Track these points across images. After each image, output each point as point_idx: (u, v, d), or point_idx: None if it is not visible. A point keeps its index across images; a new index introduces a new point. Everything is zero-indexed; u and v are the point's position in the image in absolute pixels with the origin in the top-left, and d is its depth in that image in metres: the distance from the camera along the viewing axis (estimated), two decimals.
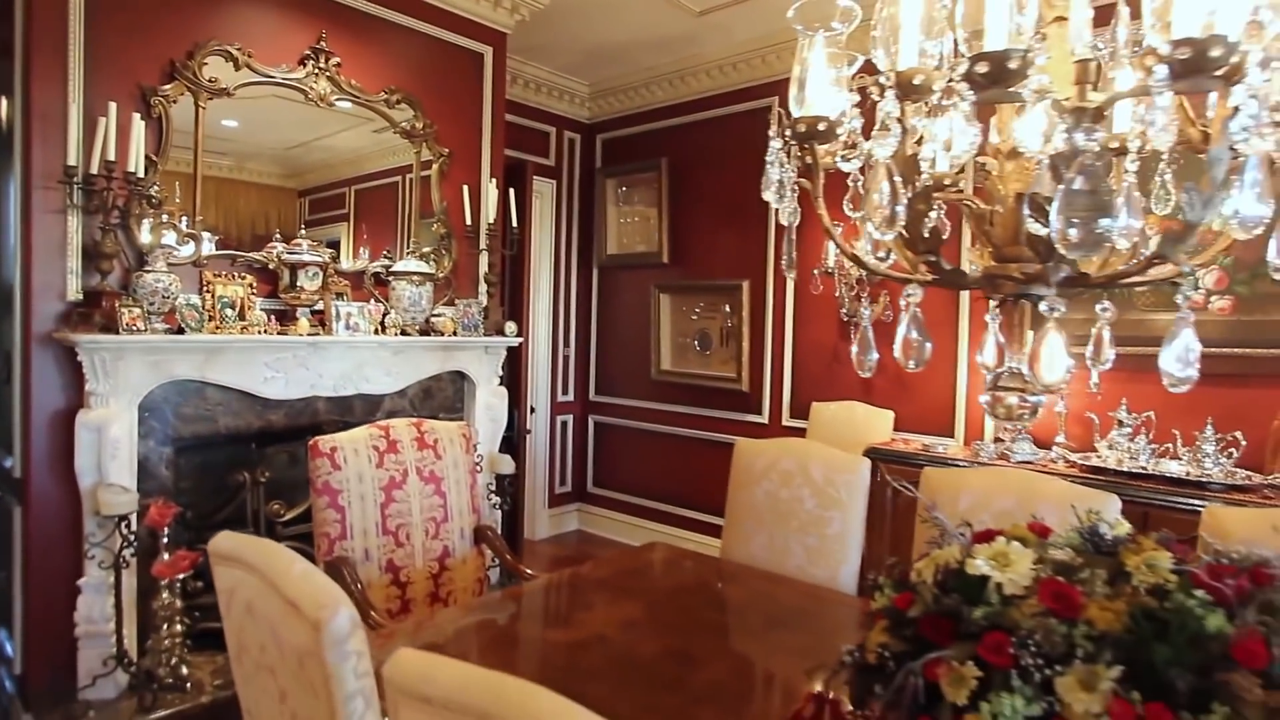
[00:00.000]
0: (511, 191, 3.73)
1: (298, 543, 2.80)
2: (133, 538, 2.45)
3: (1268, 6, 1.05)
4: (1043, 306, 1.14)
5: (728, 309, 4.45)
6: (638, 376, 5.01)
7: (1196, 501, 2.60)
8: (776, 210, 1.39)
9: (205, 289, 2.82)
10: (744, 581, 2.32)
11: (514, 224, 3.69)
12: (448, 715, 0.83)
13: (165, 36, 2.74)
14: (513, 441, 4.08)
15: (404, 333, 3.23)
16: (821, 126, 1.29)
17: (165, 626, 2.57)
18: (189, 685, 2.55)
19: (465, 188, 3.56)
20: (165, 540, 2.53)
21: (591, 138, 5.23)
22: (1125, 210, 1.08)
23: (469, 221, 3.55)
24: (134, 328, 2.48)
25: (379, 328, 3.16)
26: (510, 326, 3.62)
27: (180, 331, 2.62)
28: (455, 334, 3.39)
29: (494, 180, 3.68)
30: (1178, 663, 1.00)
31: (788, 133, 1.31)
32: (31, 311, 2.49)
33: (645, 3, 3.81)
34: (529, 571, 2.49)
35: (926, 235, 1.20)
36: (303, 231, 3.09)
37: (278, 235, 3.07)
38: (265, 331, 2.83)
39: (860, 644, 1.25)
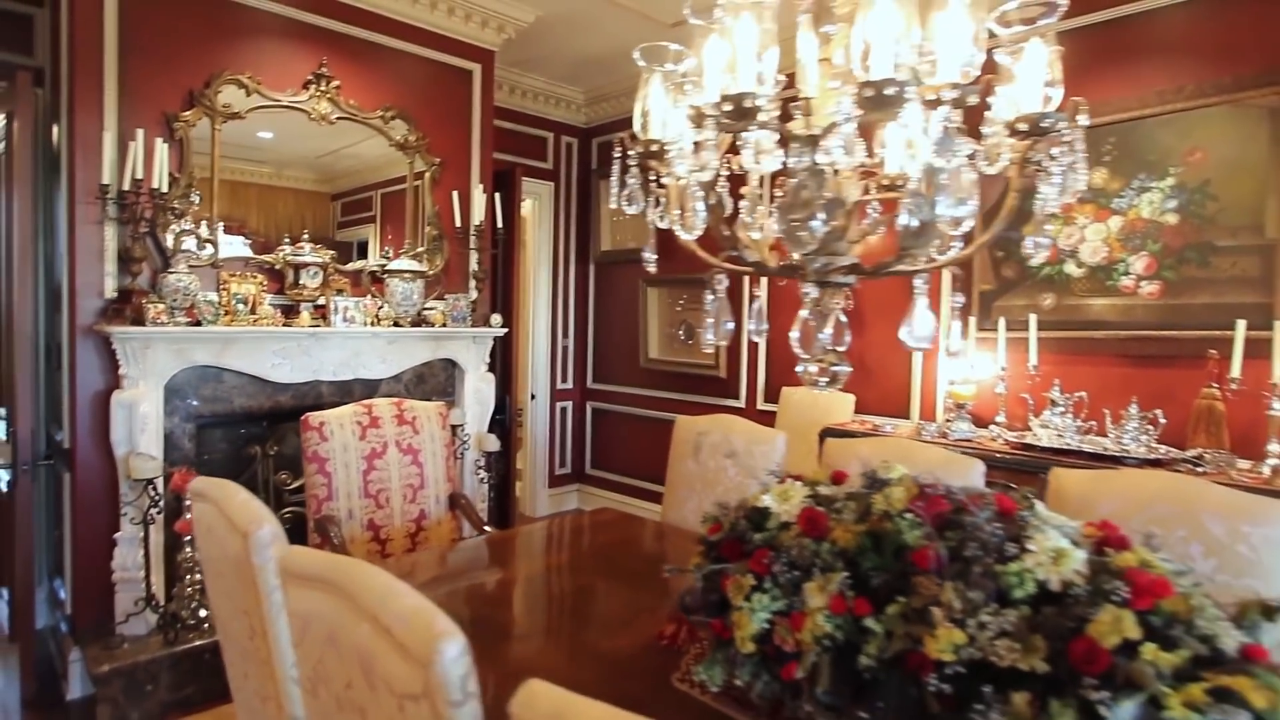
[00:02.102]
0: (498, 196, 4.09)
1: (301, 507, 3.21)
2: (158, 498, 2.88)
3: (975, 43, 1.32)
4: (802, 289, 1.41)
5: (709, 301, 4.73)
6: (629, 365, 5.34)
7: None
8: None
9: (222, 287, 3.24)
10: (671, 540, 2.63)
11: (500, 225, 4.04)
12: (309, 583, 1.17)
13: (185, 69, 3.17)
14: (505, 424, 4.45)
15: (396, 324, 3.62)
16: (654, 148, 1.59)
17: (187, 576, 3.01)
18: (207, 625, 2.98)
19: (455, 193, 3.93)
20: (188, 503, 2.96)
21: (588, 141, 5.56)
22: (907, 213, 1.36)
23: (458, 224, 3.92)
24: (159, 321, 2.91)
25: (374, 320, 3.55)
26: (496, 318, 3.98)
27: (198, 324, 3.05)
28: (445, 325, 3.76)
29: (481, 185, 4.04)
30: (880, 568, 1.29)
31: (630, 153, 1.62)
32: (76, 307, 2.93)
33: (621, 17, 4.12)
34: (488, 529, 2.85)
35: (725, 234, 1.50)
36: (306, 236, 3.49)
37: (286, 239, 3.48)
38: (272, 324, 3.25)
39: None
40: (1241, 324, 2.77)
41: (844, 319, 1.63)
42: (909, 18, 1.16)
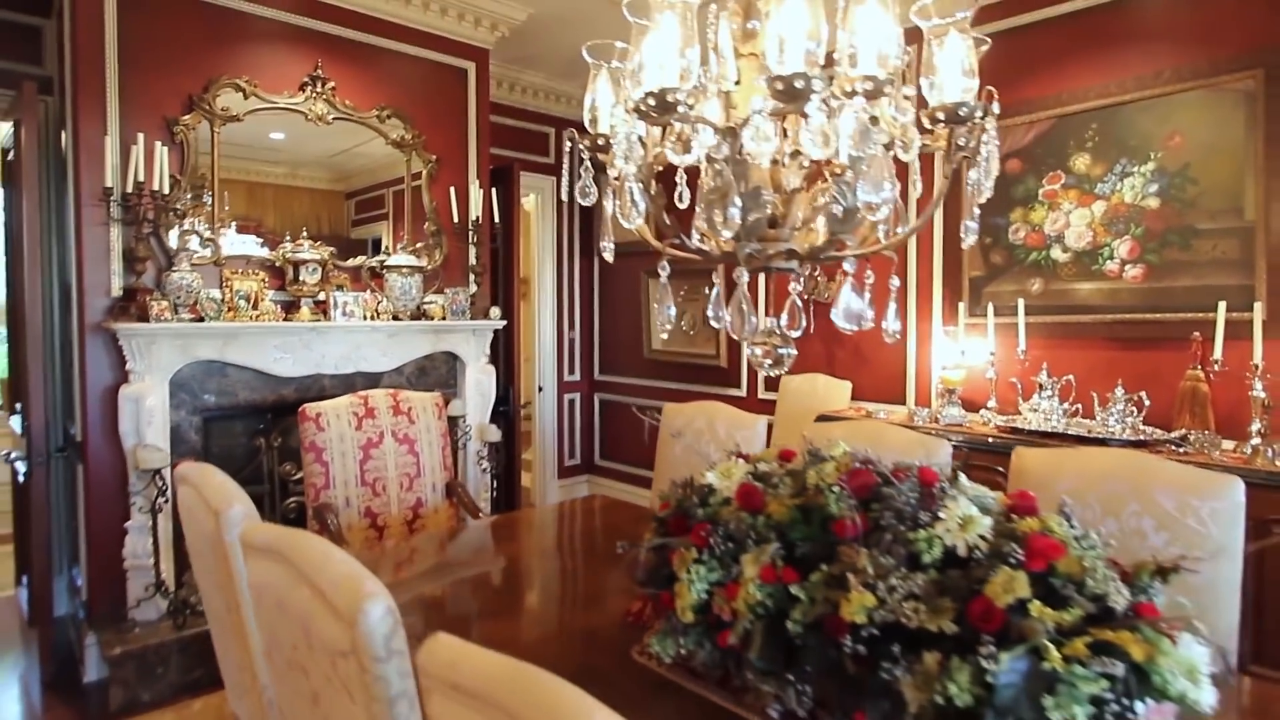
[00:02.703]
0: (499, 191, 4.18)
1: (303, 497, 3.32)
2: (165, 487, 3.01)
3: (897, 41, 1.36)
4: (735, 273, 1.46)
5: (707, 291, 4.79)
6: (634, 356, 5.41)
7: None
8: None
9: (225, 284, 3.36)
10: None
11: (497, 220, 4.13)
12: (263, 554, 1.26)
13: (185, 74, 3.28)
14: (508, 415, 4.54)
15: (396, 318, 3.72)
16: (601, 142, 1.65)
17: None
18: None
19: (452, 189, 4.02)
20: None
21: None
22: (853, 193, 1.41)
23: (456, 219, 4.01)
24: (162, 318, 3.03)
25: (373, 314, 3.65)
26: (495, 311, 4.07)
27: (201, 320, 3.17)
28: (444, 319, 3.85)
29: (479, 181, 4.12)
30: (808, 538, 1.34)
31: (580, 147, 1.68)
32: (84, 306, 3.07)
33: (614, 14, 4.15)
34: (483, 514, 2.94)
35: (668, 224, 1.56)
36: (305, 234, 3.60)
37: (287, 237, 3.59)
38: (273, 319, 3.36)
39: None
40: (1223, 306, 2.77)
41: (799, 303, 1.68)
42: (816, 14, 1.21)
